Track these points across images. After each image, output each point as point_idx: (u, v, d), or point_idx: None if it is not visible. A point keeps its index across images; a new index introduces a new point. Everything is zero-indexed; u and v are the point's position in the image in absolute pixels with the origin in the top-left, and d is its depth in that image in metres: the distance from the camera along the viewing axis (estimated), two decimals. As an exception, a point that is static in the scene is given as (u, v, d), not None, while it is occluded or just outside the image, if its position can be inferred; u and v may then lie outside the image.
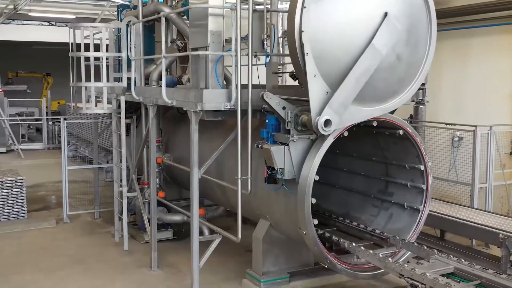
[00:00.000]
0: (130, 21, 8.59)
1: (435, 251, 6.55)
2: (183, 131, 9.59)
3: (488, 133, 9.83)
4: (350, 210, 8.41)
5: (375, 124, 6.84)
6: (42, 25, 21.96)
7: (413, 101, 12.28)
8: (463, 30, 11.96)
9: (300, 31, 6.01)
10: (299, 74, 6.32)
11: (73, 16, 20.96)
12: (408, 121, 12.14)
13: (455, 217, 8.43)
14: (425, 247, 6.70)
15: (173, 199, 10.37)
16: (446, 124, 10.49)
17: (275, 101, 6.44)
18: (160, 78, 8.74)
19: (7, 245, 9.77)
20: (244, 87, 6.76)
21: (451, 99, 12.51)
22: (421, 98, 12.01)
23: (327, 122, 6.22)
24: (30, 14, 20.47)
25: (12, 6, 17.82)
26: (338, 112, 6.25)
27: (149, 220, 8.97)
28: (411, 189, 7.53)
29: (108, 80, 8.89)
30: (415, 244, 6.88)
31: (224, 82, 7.29)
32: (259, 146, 6.69)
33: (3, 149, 20.28)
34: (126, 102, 9.16)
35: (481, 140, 9.77)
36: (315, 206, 8.85)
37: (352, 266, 6.89)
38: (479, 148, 9.70)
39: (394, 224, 7.67)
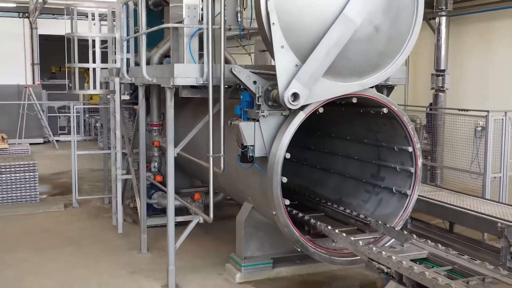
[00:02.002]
0: (126, 1, 8.52)
1: (414, 236, 6.12)
2: (184, 115, 9.46)
3: (502, 119, 9.15)
4: (343, 196, 8.03)
5: (354, 101, 6.46)
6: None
7: (432, 88, 11.85)
8: (486, 13, 11.24)
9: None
10: (267, 46, 6.04)
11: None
12: (428, 110, 11.62)
13: (453, 205, 7.88)
14: (405, 232, 6.27)
15: (184, 187, 10.24)
16: (459, 110, 9.87)
17: (244, 75, 6.19)
18: (161, 61, 8.66)
19: (11, 226, 9.95)
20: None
21: (476, 85, 11.78)
22: (440, 85, 11.48)
23: (296, 96, 5.91)
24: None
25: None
26: (307, 85, 5.92)
27: (150, 204, 8.89)
28: (401, 172, 7.09)
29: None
30: (395, 229, 6.44)
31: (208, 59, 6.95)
32: (231, 123, 6.45)
33: (40, 140, 20.87)
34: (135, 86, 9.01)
35: (495, 127, 9.11)
36: (309, 192, 8.60)
37: (328, 251, 6.52)
38: (491, 134, 9.07)
39: (383, 209, 7.26)
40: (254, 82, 6.20)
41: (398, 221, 6.90)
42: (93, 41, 8.95)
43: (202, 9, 6.58)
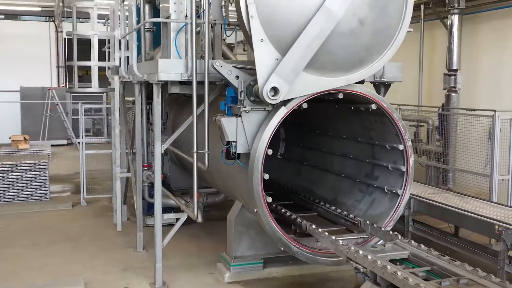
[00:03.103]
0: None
1: (399, 236, 5.90)
2: (185, 115, 9.42)
3: (510, 118, 8.80)
4: (339, 195, 7.85)
5: (340, 96, 6.29)
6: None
7: (444, 88, 11.52)
8: (500, 11, 10.87)
9: (245, -8, 5.63)
10: (248, 39, 5.94)
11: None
12: (440, 110, 11.30)
13: (453, 207, 7.58)
14: (391, 232, 6.06)
15: (189, 187, 10.18)
16: (467, 109, 9.53)
17: (226, 70, 6.10)
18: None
19: (16, 223, 10.09)
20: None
21: (490, 85, 11.40)
22: (452, 85, 11.15)
23: (276, 91, 5.79)
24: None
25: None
26: (288, 79, 5.79)
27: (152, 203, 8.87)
28: (393, 171, 6.88)
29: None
30: (382, 229, 6.23)
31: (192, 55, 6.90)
32: (215, 119, 6.37)
33: (64, 142, 21.21)
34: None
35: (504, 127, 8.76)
36: (307, 192, 8.43)
37: (313, 250, 6.35)
38: (498, 135, 8.72)
39: (375, 209, 7.05)
40: (237, 77, 6.11)
41: (389, 221, 6.68)
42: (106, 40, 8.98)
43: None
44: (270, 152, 6.11)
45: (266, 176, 6.13)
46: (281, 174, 9.51)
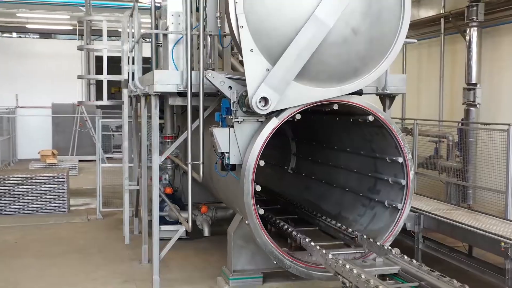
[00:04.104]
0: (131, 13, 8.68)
1: (393, 251, 5.70)
2: (196, 128, 9.44)
3: (526, 133, 8.47)
4: (343, 210, 7.68)
5: (335, 107, 6.18)
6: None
7: (463, 103, 11.21)
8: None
9: (234, 1, 5.62)
10: (239, 49, 5.91)
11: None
12: (459, 125, 11.00)
13: (460, 223, 7.29)
14: (386, 247, 5.86)
15: (202, 201, 10.18)
16: (482, 124, 9.22)
17: (218, 81, 6.08)
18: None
19: (31, 234, 10.25)
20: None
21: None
22: (472, 100, 10.84)
23: (266, 101, 5.73)
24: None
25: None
26: (278, 89, 5.73)
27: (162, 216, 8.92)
28: (394, 185, 6.70)
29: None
30: (377, 243, 6.03)
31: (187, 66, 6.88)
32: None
33: (93, 157, 21.54)
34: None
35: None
36: (313, 206, 8.29)
37: (307, 265, 6.20)
38: (512, 149, 8.39)
39: (375, 224, 6.86)
40: (230, 88, 6.08)
41: (388, 236, 6.48)
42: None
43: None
44: (262, 163, 6.04)
45: (258, 188, 6.05)
46: (291, 188, 9.41)
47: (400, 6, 6.02)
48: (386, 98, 7.31)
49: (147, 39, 9.65)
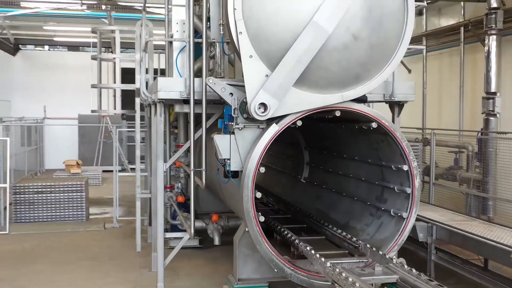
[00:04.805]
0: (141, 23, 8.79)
1: (394, 260, 5.57)
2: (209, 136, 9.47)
3: (543, 141, 8.21)
4: (351, 219, 7.54)
5: (338, 114, 6.10)
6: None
7: (483, 112, 10.96)
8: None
9: (233, 8, 5.63)
10: (238, 55, 5.90)
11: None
12: (479, 135, 10.77)
13: (471, 233, 7.10)
14: (387, 256, 5.72)
15: (215, 210, 10.17)
16: (498, 133, 8.99)
17: (219, 87, 6.07)
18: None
19: (48, 241, 10.40)
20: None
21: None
22: (491, 109, 10.59)
23: (265, 107, 5.69)
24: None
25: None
26: (277, 95, 5.69)
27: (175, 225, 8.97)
28: (400, 194, 6.55)
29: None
30: (379, 252, 5.89)
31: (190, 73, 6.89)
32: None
33: (118, 168, 21.79)
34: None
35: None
36: (323, 216, 8.19)
37: (309, 273, 6.09)
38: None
39: (381, 233, 6.71)
40: (231, 94, 6.07)
41: (393, 245, 6.33)
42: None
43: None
44: (262, 170, 6.00)
45: (258, 195, 6.00)
46: (302, 197, 9.32)
47: (404, 11, 5.93)
48: (395, 106, 7.22)
49: (160, 50, 9.73)
